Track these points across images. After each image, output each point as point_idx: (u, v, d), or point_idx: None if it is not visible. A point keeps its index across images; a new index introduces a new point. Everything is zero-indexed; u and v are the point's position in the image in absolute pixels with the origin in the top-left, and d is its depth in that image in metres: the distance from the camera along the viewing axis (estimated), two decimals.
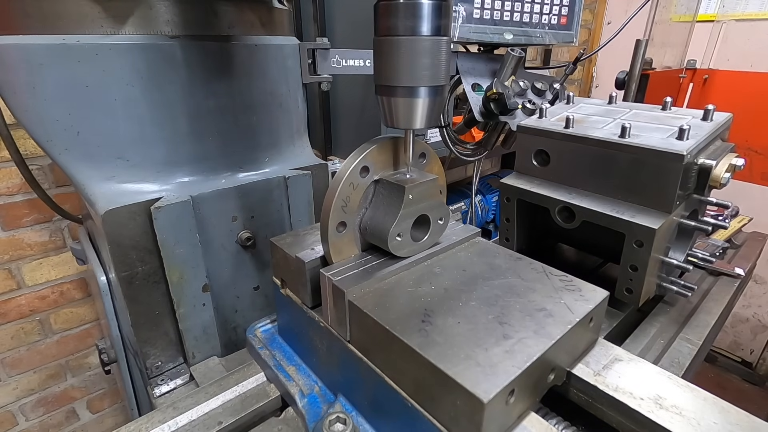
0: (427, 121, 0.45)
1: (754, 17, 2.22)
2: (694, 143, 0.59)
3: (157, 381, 0.72)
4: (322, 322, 0.49)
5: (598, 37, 2.93)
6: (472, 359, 0.36)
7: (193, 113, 0.68)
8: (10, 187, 1.32)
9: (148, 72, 0.63)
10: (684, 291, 0.70)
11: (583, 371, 0.44)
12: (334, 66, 0.87)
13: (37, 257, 1.43)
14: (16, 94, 0.61)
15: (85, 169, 0.65)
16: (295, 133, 0.84)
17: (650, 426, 0.39)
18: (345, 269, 0.47)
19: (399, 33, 0.40)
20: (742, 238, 1.14)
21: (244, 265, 0.78)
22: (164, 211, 0.64)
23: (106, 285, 0.84)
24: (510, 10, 0.87)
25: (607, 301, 0.46)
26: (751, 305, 2.51)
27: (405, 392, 0.40)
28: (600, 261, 0.87)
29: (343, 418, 0.46)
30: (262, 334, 0.63)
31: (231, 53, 0.69)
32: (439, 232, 0.53)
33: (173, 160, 0.69)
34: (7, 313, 1.43)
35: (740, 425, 0.38)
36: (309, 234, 0.56)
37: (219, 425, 0.52)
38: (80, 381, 1.66)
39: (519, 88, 0.90)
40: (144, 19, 0.62)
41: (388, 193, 0.48)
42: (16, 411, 1.55)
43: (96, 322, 1.62)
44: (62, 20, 0.59)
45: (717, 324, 0.79)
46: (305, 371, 0.56)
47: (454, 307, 0.43)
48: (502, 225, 0.81)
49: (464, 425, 0.34)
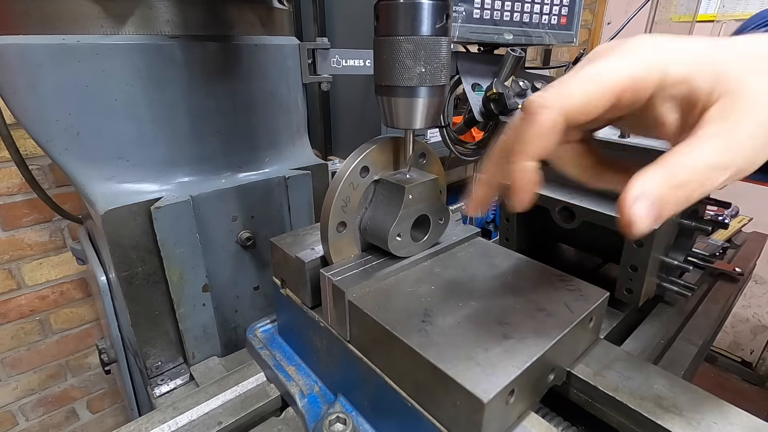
0: (427, 121, 0.45)
1: None
2: None
3: (157, 381, 0.72)
4: (322, 322, 0.49)
5: (598, 37, 2.93)
6: (472, 359, 0.36)
7: (193, 113, 0.68)
8: (10, 187, 1.32)
9: (148, 72, 0.63)
10: (684, 291, 0.70)
11: (583, 371, 0.44)
12: (334, 66, 0.87)
13: (37, 257, 1.43)
14: (16, 94, 0.61)
15: (85, 169, 0.65)
16: (295, 133, 0.84)
17: (650, 426, 0.39)
18: (345, 269, 0.47)
19: (399, 33, 0.40)
20: (742, 238, 1.14)
21: (244, 265, 0.78)
22: (164, 211, 0.64)
23: (106, 285, 0.84)
24: (510, 10, 0.87)
25: (607, 301, 0.46)
26: (751, 305, 2.51)
27: (405, 392, 0.40)
28: (600, 261, 0.87)
29: (343, 418, 0.46)
30: (262, 334, 0.63)
31: (231, 53, 0.69)
32: (439, 232, 0.53)
33: (173, 160, 0.69)
34: (7, 313, 1.43)
35: (740, 425, 0.38)
36: (309, 234, 0.56)
37: (219, 425, 0.52)
38: (80, 381, 1.66)
39: (519, 88, 0.90)
40: (144, 19, 0.62)
41: (388, 193, 0.48)
42: (16, 411, 1.55)
43: (96, 322, 1.62)
44: (62, 20, 0.59)
45: (717, 324, 0.79)
46: (305, 371, 0.56)
47: (454, 307, 0.43)
48: (502, 225, 0.81)
49: (464, 425, 0.34)
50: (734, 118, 0.28)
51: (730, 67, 0.28)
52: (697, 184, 0.28)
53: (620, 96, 0.30)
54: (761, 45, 0.30)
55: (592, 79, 0.30)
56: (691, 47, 0.30)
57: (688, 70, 0.29)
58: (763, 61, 0.29)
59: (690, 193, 0.28)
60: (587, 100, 0.30)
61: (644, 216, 0.28)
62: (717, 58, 0.29)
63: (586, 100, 0.30)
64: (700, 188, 0.28)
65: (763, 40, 0.30)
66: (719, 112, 0.28)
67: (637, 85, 0.29)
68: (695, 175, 0.28)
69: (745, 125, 0.27)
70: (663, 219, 0.28)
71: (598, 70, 0.30)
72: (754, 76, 0.28)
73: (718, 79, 0.28)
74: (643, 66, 0.29)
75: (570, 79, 0.30)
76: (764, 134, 0.27)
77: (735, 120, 0.28)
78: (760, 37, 0.31)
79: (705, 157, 0.28)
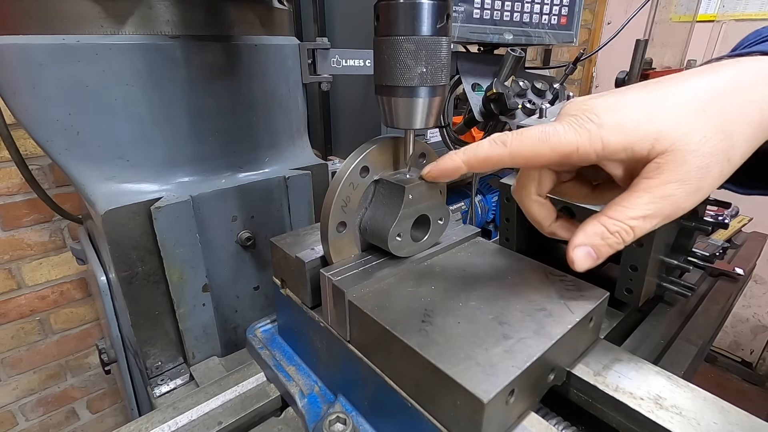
0: (427, 121, 0.45)
1: (754, 17, 2.22)
2: None
3: (157, 381, 0.72)
4: (322, 322, 0.49)
5: (598, 37, 2.93)
6: (472, 359, 0.36)
7: (193, 113, 0.68)
8: (10, 187, 1.32)
9: (148, 72, 0.63)
10: (684, 291, 0.70)
11: (583, 371, 0.44)
12: (334, 66, 0.87)
13: (37, 257, 1.43)
14: (16, 94, 0.61)
15: (85, 169, 0.65)
16: (295, 133, 0.84)
17: (650, 426, 0.39)
18: (345, 269, 0.47)
19: (399, 33, 0.40)
20: (742, 238, 1.14)
21: (244, 265, 0.78)
22: (164, 211, 0.64)
23: (106, 285, 0.84)
24: (510, 10, 0.87)
25: (607, 301, 0.46)
26: (751, 305, 2.51)
27: (405, 392, 0.40)
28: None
29: (343, 418, 0.46)
30: (262, 334, 0.63)
31: (231, 53, 0.69)
32: (439, 232, 0.53)
33: (173, 160, 0.69)
34: (7, 313, 1.43)
35: (740, 425, 0.38)
36: (309, 234, 0.56)
37: (219, 425, 0.52)
38: (80, 381, 1.66)
39: (519, 88, 0.90)
40: (144, 19, 0.62)
41: (388, 193, 0.48)
42: (16, 411, 1.55)
43: (96, 322, 1.62)
44: (62, 20, 0.59)
45: (717, 324, 0.79)
46: (305, 371, 0.56)
47: (454, 307, 0.43)
48: (502, 225, 0.81)
49: (464, 425, 0.34)
50: (665, 176, 0.33)
51: (666, 127, 0.33)
52: (626, 233, 0.35)
53: (565, 158, 0.36)
54: (710, 86, 0.34)
55: (544, 138, 0.36)
56: (628, 115, 0.34)
57: (627, 140, 0.34)
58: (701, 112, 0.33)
59: (622, 239, 0.36)
60: (534, 155, 0.36)
61: (583, 259, 0.38)
62: (655, 120, 0.34)
63: (533, 155, 0.36)
64: (630, 235, 0.36)
65: (715, 79, 0.34)
66: (653, 170, 0.34)
67: (579, 152, 0.35)
68: (625, 226, 0.35)
69: (673, 178, 0.33)
70: (602, 259, 0.37)
71: (552, 133, 0.36)
72: (687, 133, 0.33)
73: (654, 142, 0.33)
74: (588, 139, 0.35)
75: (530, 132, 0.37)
76: (690, 185, 0.33)
77: (665, 177, 0.33)
78: (714, 71, 0.35)
79: (634, 212, 0.34)
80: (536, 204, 0.43)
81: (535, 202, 0.43)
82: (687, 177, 0.33)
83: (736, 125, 0.33)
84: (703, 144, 0.33)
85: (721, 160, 0.33)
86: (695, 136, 0.33)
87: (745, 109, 0.34)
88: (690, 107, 0.33)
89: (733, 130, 0.33)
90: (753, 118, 0.34)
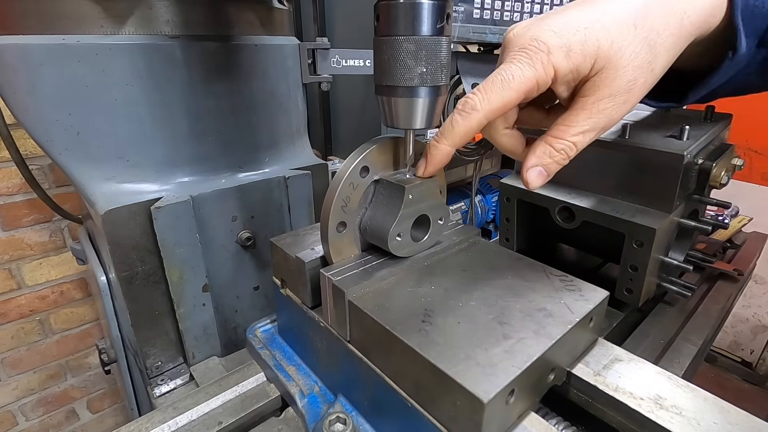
0: (427, 121, 0.45)
1: None
2: (694, 143, 0.59)
3: (157, 381, 0.72)
4: (322, 322, 0.49)
5: None
6: (472, 359, 0.36)
7: (193, 113, 0.68)
8: (10, 187, 1.32)
9: (148, 72, 0.63)
10: (684, 291, 0.70)
11: (583, 371, 0.44)
12: (334, 66, 0.87)
13: (37, 257, 1.43)
14: (16, 94, 0.61)
15: (85, 169, 0.65)
16: (295, 133, 0.84)
17: (650, 426, 0.39)
18: (345, 269, 0.47)
19: (399, 33, 0.40)
20: (742, 238, 1.14)
21: (244, 265, 0.78)
22: (164, 211, 0.64)
23: (106, 285, 0.84)
24: (510, 10, 0.87)
25: (607, 301, 0.46)
26: (751, 305, 2.51)
27: (405, 392, 0.40)
28: (600, 261, 0.87)
29: (343, 418, 0.46)
30: (262, 334, 0.63)
31: (231, 53, 0.69)
32: (439, 232, 0.53)
33: (173, 160, 0.69)
34: (7, 313, 1.43)
35: (740, 425, 0.38)
36: (309, 234, 0.56)
37: (219, 425, 0.52)
38: (80, 381, 1.66)
39: None
40: (144, 19, 0.62)
41: (388, 193, 0.48)
42: (16, 411, 1.55)
43: (96, 322, 1.62)
44: (62, 20, 0.59)
45: (717, 324, 0.79)
46: (305, 371, 0.56)
47: (454, 307, 0.43)
48: (502, 225, 0.81)
49: (464, 425, 0.34)
50: (600, 92, 0.37)
51: (604, 44, 0.36)
52: (570, 149, 0.40)
53: (528, 93, 0.39)
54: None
55: (506, 85, 0.38)
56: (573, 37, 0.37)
57: (574, 62, 0.37)
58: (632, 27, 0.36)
59: (567, 155, 0.41)
60: (504, 104, 0.39)
61: (535, 178, 0.42)
62: (595, 38, 0.36)
63: (503, 104, 0.39)
64: (573, 150, 0.40)
65: None
66: (589, 87, 0.38)
67: (539, 84, 0.38)
68: (568, 143, 0.40)
69: (606, 93, 0.37)
70: (551, 176, 0.42)
71: (511, 76, 0.38)
72: (621, 48, 0.36)
73: (594, 61, 0.37)
74: (543, 68, 0.37)
75: (492, 85, 0.38)
76: (621, 97, 0.37)
77: (600, 93, 0.37)
78: None
79: (574, 128, 0.39)
80: (505, 137, 0.45)
81: (504, 135, 0.45)
82: (618, 91, 0.37)
83: (659, 37, 0.37)
84: (633, 59, 0.36)
85: (646, 71, 0.37)
86: (627, 51, 0.36)
87: (668, 22, 0.37)
88: (623, 22, 0.36)
89: (657, 41, 0.37)
90: (673, 30, 0.37)
